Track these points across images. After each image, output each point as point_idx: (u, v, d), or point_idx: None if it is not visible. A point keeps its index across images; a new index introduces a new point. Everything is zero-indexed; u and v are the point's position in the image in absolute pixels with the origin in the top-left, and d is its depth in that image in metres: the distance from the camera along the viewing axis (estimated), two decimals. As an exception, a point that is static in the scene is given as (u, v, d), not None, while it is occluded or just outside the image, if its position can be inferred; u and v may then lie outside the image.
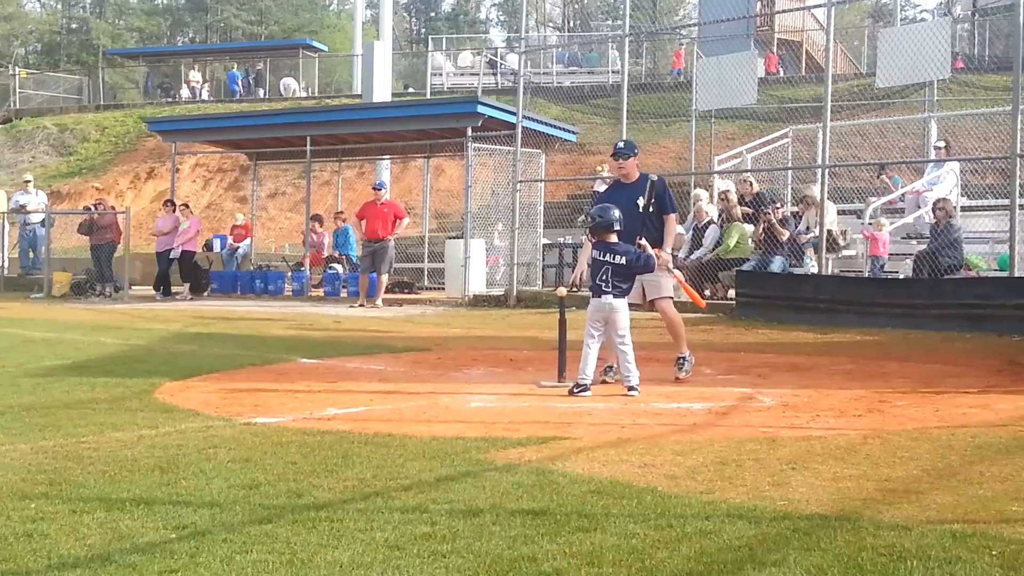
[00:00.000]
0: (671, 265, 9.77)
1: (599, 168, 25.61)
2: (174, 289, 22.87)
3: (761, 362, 10.90)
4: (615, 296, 8.84)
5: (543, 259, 21.85)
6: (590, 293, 9.02)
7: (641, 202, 9.36)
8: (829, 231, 16.63)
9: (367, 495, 5.25)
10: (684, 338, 9.82)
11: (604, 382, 9.24)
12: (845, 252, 17.65)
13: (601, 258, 8.85)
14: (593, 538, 4.47)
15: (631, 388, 8.71)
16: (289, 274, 23.79)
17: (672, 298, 9.90)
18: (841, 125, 22.21)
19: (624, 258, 8.79)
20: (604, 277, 8.85)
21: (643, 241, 8.98)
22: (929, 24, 21.94)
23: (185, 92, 45.45)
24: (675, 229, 9.73)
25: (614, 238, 8.87)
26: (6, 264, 27.47)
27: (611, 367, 9.34)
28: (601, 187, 18.11)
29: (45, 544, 4.30)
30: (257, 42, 62.29)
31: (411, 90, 42.92)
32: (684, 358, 9.78)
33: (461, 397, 8.76)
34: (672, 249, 9.68)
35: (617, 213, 8.90)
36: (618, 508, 4.98)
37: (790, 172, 21.59)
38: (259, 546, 4.35)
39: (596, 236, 8.96)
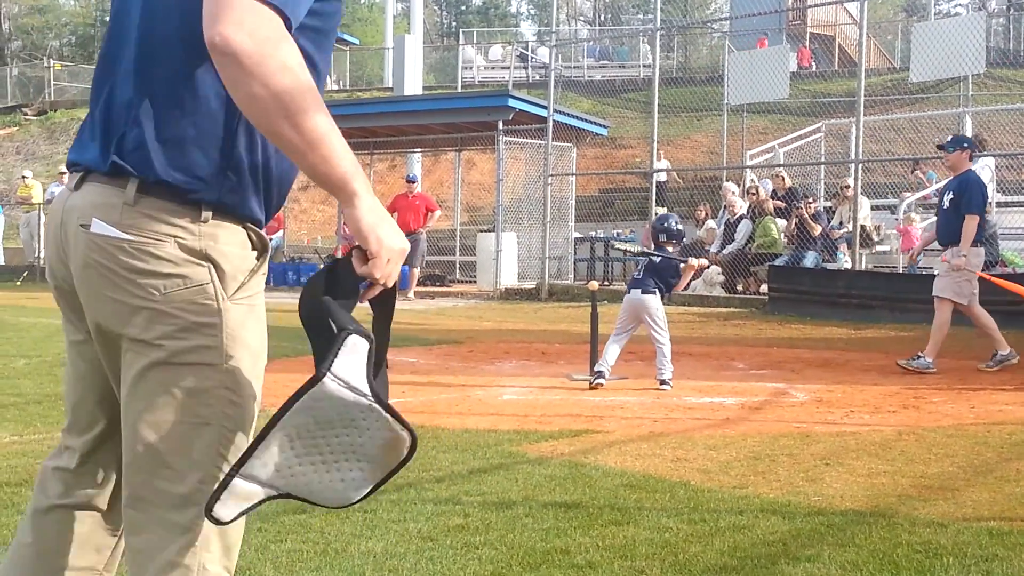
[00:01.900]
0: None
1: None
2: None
3: (794, 357, 10.85)
4: (643, 292, 8.85)
5: (575, 253, 21.83)
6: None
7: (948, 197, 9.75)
8: (863, 226, 16.53)
9: (400, 486, 5.26)
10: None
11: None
12: (879, 247, 17.53)
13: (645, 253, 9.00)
14: (626, 531, 4.47)
15: (663, 382, 8.69)
16: (321, 266, 23.88)
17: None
18: (874, 120, 22.07)
19: (659, 258, 8.84)
20: (639, 272, 8.93)
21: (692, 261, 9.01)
22: (964, 18, 21.73)
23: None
24: (972, 230, 9.87)
25: (669, 248, 9.05)
26: (41, 255, 27.69)
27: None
28: None
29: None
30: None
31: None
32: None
33: (493, 390, 8.77)
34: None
35: (677, 227, 9.17)
36: (651, 502, 4.98)
37: (823, 167, 21.47)
38: (293, 536, 4.37)
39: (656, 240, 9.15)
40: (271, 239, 25.34)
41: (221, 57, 1.89)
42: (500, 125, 21.27)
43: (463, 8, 74.95)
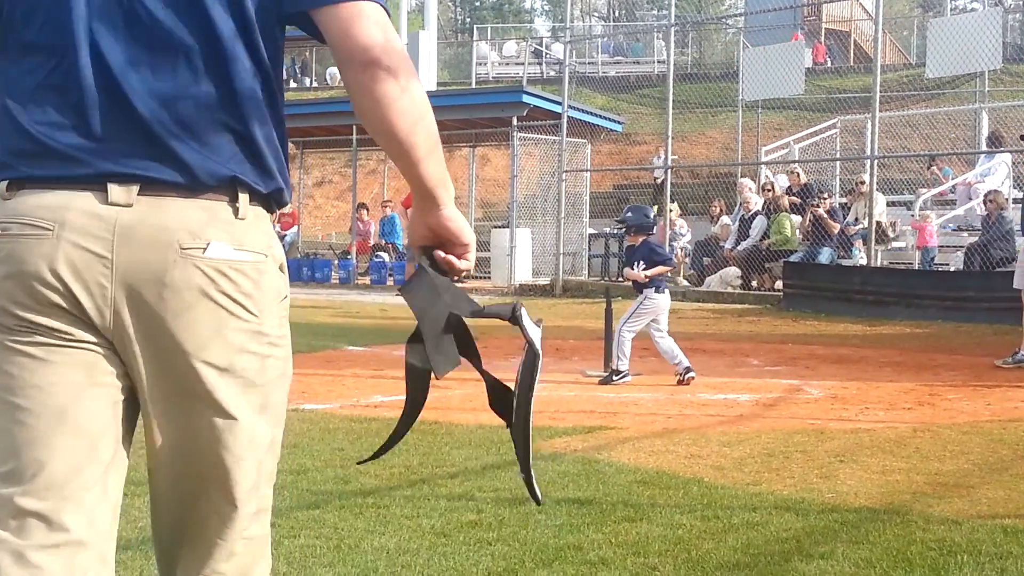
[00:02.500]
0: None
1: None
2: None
3: (808, 354, 10.82)
4: (656, 291, 8.91)
5: (589, 249, 21.82)
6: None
7: None
8: (878, 222, 16.48)
9: (413, 482, 5.27)
10: None
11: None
12: (894, 244, 17.48)
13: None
14: (639, 528, 4.47)
15: (687, 370, 8.72)
16: (336, 262, 23.91)
17: None
18: (890, 116, 21.99)
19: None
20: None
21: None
22: (980, 14, 21.67)
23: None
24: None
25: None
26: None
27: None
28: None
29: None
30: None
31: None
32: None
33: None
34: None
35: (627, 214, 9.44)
36: (664, 498, 4.98)
37: (838, 163, 21.41)
38: (307, 531, 4.38)
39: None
40: (285, 235, 25.43)
41: (381, 72, 1.90)
42: (514, 121, 21.26)
43: (477, 4, 74.93)
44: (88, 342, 1.84)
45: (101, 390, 1.86)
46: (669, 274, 9.59)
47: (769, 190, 18.71)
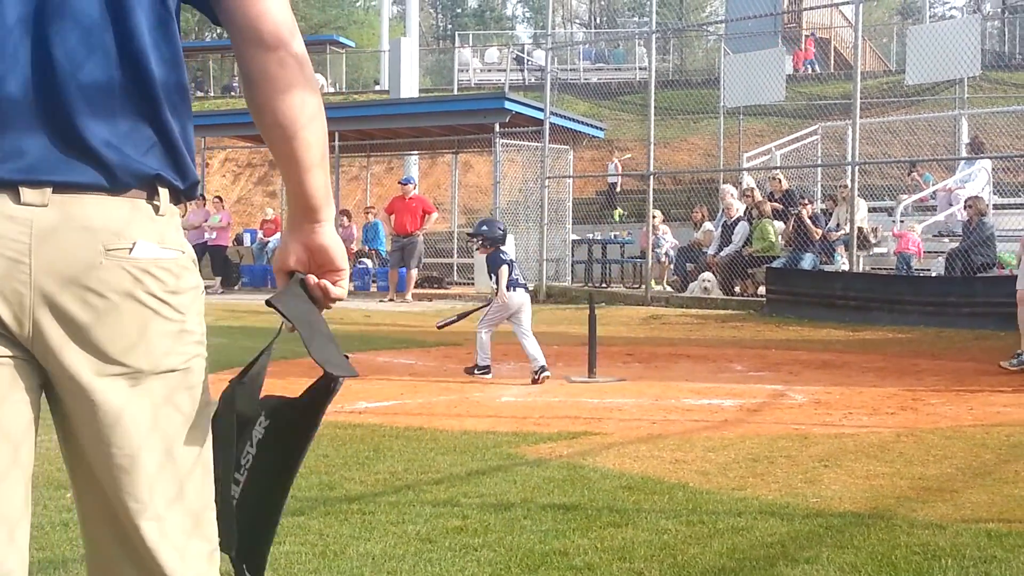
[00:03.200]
0: None
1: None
2: (205, 283, 22.94)
3: (792, 359, 10.86)
4: (512, 289, 9.37)
5: (572, 255, 21.84)
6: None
7: None
8: (860, 228, 16.54)
9: (398, 488, 5.26)
10: None
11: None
12: (876, 249, 17.54)
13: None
14: (624, 533, 4.47)
15: (542, 369, 9.12)
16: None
17: None
18: (871, 122, 22.09)
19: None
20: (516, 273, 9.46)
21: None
22: (959, 21, 21.77)
23: (214, 87, 45.62)
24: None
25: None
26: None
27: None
28: None
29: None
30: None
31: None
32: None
33: (492, 391, 8.77)
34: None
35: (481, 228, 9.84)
36: (649, 504, 4.98)
37: (820, 169, 21.49)
38: (292, 537, 4.36)
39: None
40: (268, 241, 25.38)
41: (288, 57, 1.86)
42: (497, 127, 21.29)
43: (459, 11, 75.00)
44: (4, 356, 1.72)
45: (20, 395, 1.74)
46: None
47: (749, 196, 18.76)
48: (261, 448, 1.98)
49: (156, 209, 1.79)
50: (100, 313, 1.72)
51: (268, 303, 1.92)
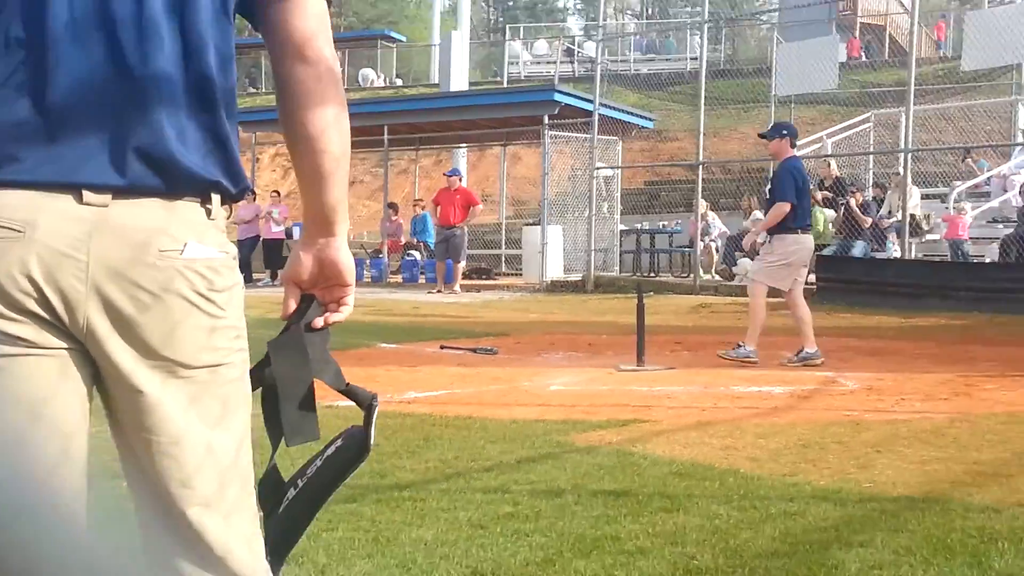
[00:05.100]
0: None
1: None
2: (255, 276, 23.17)
3: (843, 346, 10.76)
4: None
5: (620, 245, 21.80)
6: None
7: None
8: (912, 215, 16.37)
9: (449, 476, 5.28)
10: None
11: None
12: (929, 236, 17.37)
13: None
14: (676, 518, 4.46)
15: None
16: (368, 261, 23.99)
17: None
18: (925, 109, 21.83)
19: None
20: None
21: None
22: (1017, 6, 21.41)
23: (266, 84, 45.93)
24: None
25: None
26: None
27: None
28: None
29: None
30: (336, 33, 62.13)
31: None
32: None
33: (540, 380, 8.77)
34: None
35: None
36: (700, 489, 4.96)
37: (871, 157, 21.28)
38: (345, 524, 4.40)
39: None
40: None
41: (325, 71, 1.91)
42: (546, 119, 21.27)
43: (510, 3, 74.94)
44: (58, 347, 1.77)
45: (72, 386, 1.79)
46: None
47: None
48: (326, 463, 2.07)
49: (208, 213, 1.85)
50: (146, 308, 1.78)
51: (269, 345, 1.99)
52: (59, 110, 1.76)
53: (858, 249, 16.65)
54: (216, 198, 1.86)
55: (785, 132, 9.93)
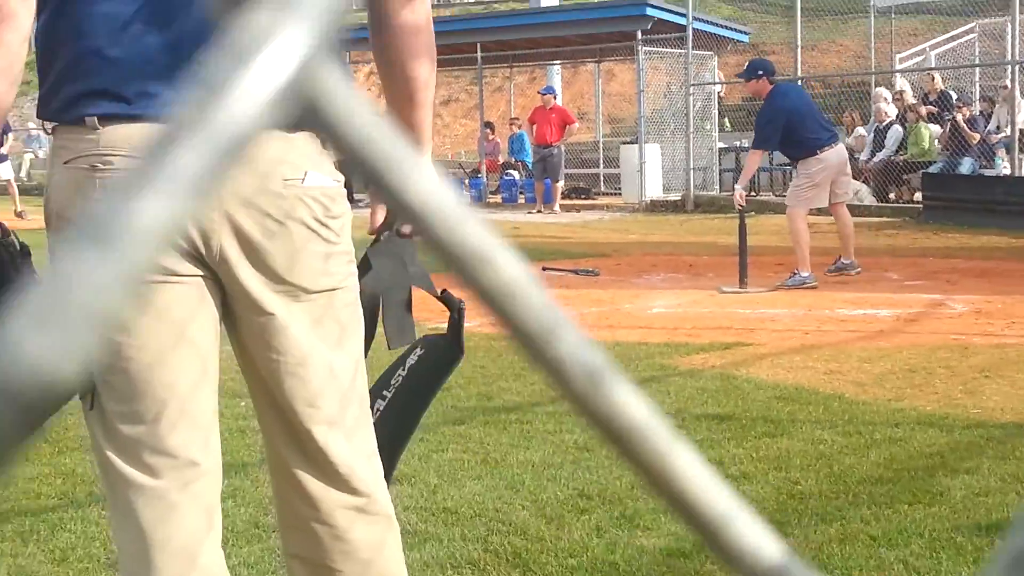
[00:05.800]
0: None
1: None
2: (359, 197, 23.39)
3: (950, 267, 10.58)
4: None
5: (719, 163, 21.54)
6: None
7: None
8: (1022, 130, 15.92)
9: (554, 399, 5.35)
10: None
11: None
12: (1039, 152, 16.88)
13: None
14: (780, 443, 4.50)
15: None
16: (466, 181, 24.06)
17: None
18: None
19: None
20: None
21: None
22: None
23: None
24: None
25: None
26: None
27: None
28: None
29: (257, 440, 4.56)
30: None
31: None
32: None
33: (642, 303, 8.81)
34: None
35: None
36: (804, 414, 4.99)
37: (977, 69, 20.67)
38: (454, 445, 4.52)
39: None
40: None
41: (423, 8, 2.09)
42: (639, 35, 21.01)
43: (601, -85, 73.67)
44: (193, 275, 1.89)
45: (208, 311, 1.93)
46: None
47: (898, 99, 18.15)
48: (411, 372, 2.23)
49: (323, 143, 1.96)
50: (273, 235, 1.90)
51: (369, 252, 2.16)
52: (186, 45, 1.82)
53: (965, 166, 16.25)
54: None
55: (761, 72, 9.71)
